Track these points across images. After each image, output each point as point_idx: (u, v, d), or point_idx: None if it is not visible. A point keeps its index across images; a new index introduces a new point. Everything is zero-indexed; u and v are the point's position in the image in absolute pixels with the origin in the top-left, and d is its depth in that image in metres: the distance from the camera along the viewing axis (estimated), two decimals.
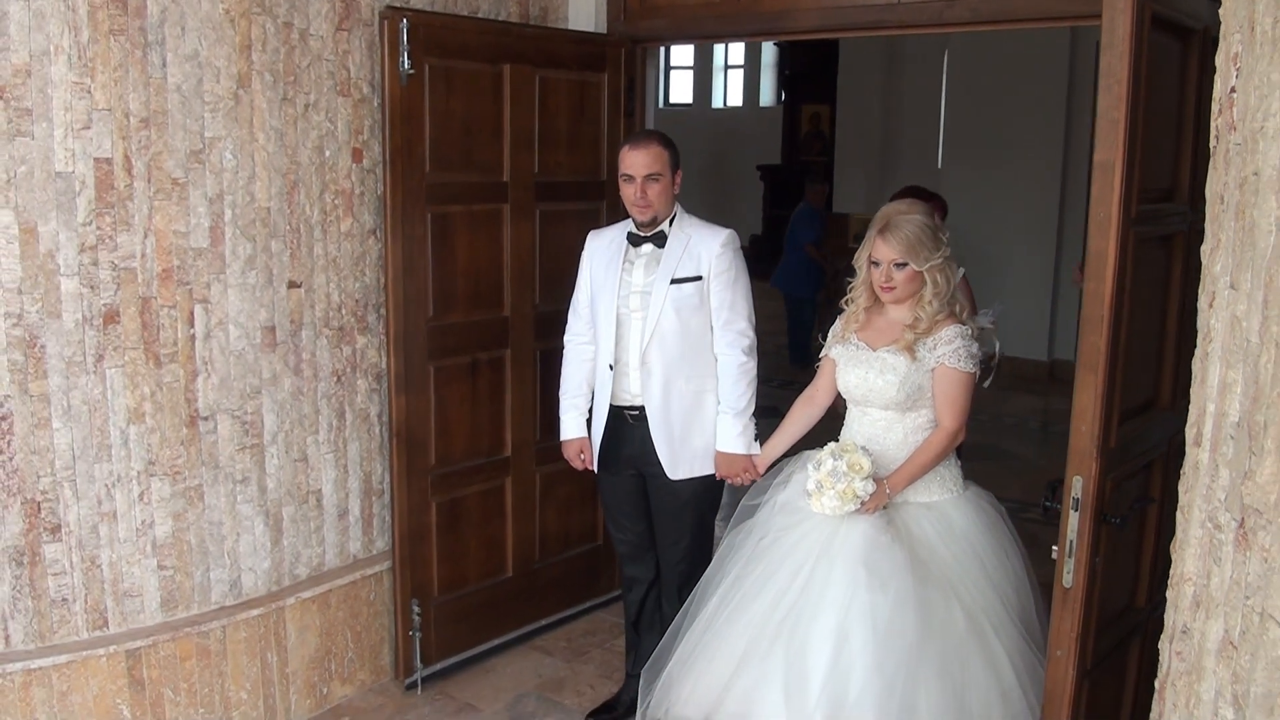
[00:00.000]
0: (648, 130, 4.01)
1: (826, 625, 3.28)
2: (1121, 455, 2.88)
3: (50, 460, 3.51)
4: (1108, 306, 2.70)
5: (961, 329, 3.48)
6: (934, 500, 3.55)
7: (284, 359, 3.99)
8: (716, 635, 3.49)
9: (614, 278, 3.90)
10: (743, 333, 3.90)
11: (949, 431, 3.49)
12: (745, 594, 3.48)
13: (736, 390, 3.89)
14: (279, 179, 3.89)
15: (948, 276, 3.46)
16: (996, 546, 3.53)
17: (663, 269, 3.84)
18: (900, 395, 3.46)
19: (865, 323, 3.62)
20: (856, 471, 3.34)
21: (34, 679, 3.52)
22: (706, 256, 3.84)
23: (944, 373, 3.46)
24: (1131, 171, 2.68)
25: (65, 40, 3.36)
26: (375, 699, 4.34)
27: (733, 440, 3.89)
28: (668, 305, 3.82)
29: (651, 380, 3.87)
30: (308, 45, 3.91)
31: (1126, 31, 2.59)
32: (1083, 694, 2.97)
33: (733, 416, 3.89)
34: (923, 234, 3.40)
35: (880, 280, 3.47)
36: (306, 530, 4.15)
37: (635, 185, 3.78)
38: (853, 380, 3.56)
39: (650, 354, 3.85)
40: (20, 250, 3.37)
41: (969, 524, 3.53)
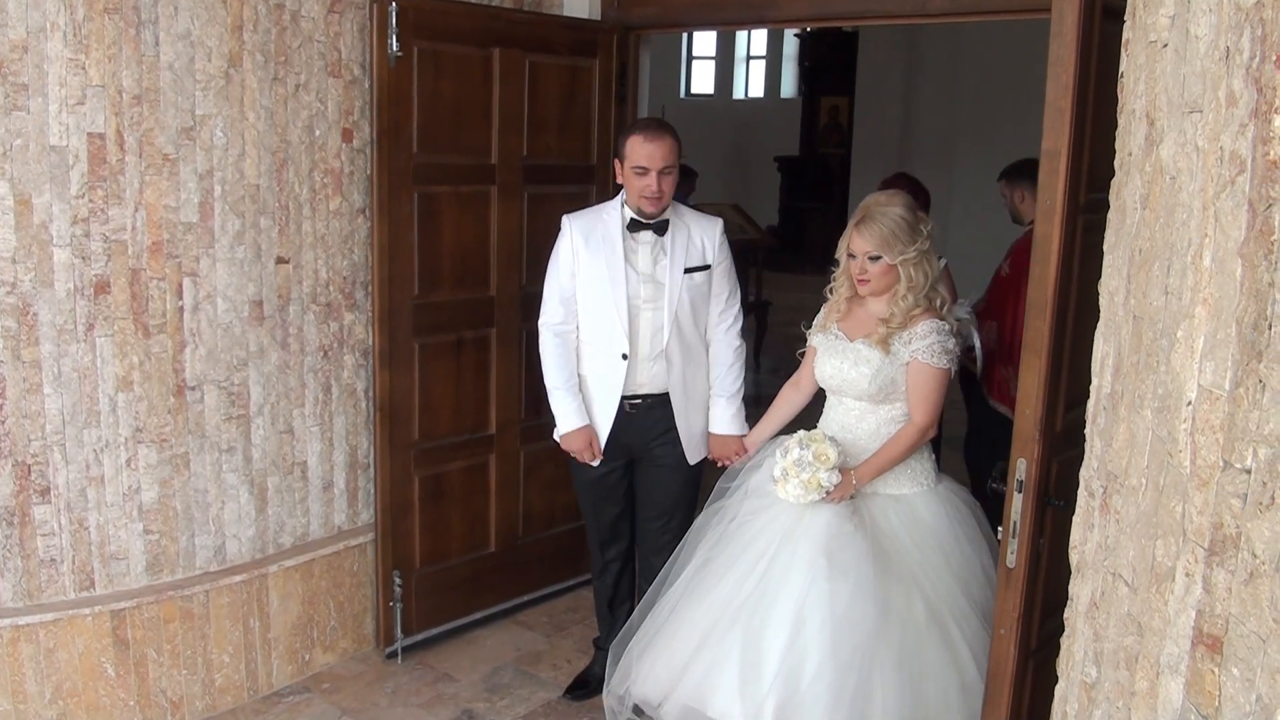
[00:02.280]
0: (657, 121, 3.96)
1: (784, 611, 3.29)
2: (1068, 439, 2.93)
3: (41, 425, 3.62)
4: (1052, 292, 2.75)
5: (938, 324, 3.47)
6: (903, 493, 3.56)
7: (271, 333, 4.09)
8: (679, 617, 3.52)
9: (618, 266, 3.85)
10: (737, 317, 4.00)
11: (919, 427, 3.49)
12: (709, 577, 3.50)
13: (732, 374, 3.98)
14: (269, 157, 3.98)
15: (925, 270, 3.45)
16: (964, 540, 3.53)
17: (673, 259, 3.86)
18: (872, 388, 3.47)
19: (846, 312, 3.64)
20: (822, 462, 3.34)
21: (22, 635, 3.64)
22: (709, 245, 3.90)
23: (917, 368, 3.45)
24: (1079, 159, 2.73)
25: (61, 17, 3.46)
26: (356, 667, 4.45)
27: (727, 422, 3.98)
28: (684, 295, 3.86)
29: (673, 371, 3.92)
30: (299, 26, 4.00)
31: (1074, 21, 2.63)
32: (1027, 674, 3.03)
33: (727, 400, 3.97)
34: (899, 227, 3.40)
35: (856, 272, 3.49)
36: (291, 500, 4.25)
37: (651, 178, 3.75)
38: (828, 370, 3.59)
39: (671, 345, 3.89)
40: (15, 221, 3.48)
41: (936, 518, 3.54)
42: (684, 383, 3.94)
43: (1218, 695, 1.27)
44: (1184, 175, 1.41)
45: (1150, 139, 1.48)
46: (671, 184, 3.80)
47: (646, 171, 3.75)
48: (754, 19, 4.88)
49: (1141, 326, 1.43)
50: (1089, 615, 1.61)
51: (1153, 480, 1.38)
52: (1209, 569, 1.29)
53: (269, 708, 4.15)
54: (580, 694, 4.29)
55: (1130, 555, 1.43)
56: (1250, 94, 1.24)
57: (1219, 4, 1.33)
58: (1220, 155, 1.30)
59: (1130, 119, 1.56)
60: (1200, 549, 1.30)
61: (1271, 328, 1.18)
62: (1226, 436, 1.27)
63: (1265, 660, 1.18)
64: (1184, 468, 1.34)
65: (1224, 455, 1.27)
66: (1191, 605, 1.32)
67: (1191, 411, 1.33)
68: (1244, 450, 1.23)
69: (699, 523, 3.76)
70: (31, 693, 3.68)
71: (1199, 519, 1.31)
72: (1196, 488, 1.32)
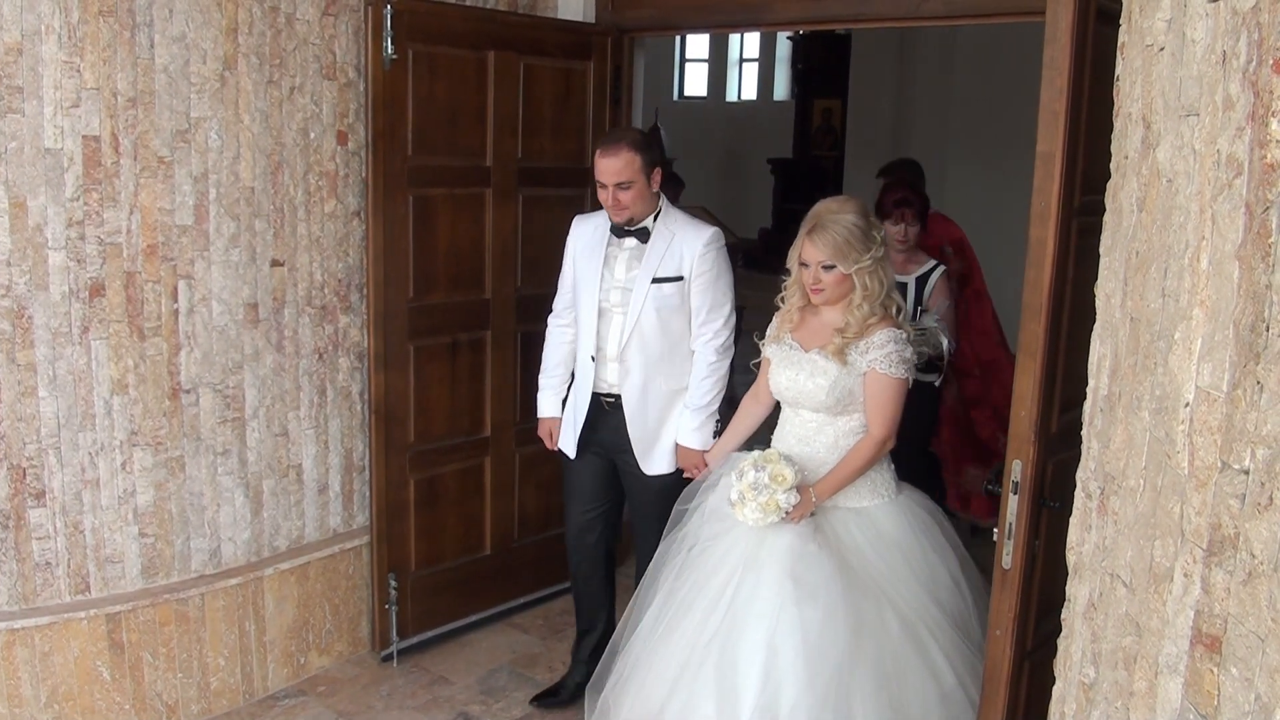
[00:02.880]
0: (620, 132, 3.97)
1: (755, 640, 3.20)
2: (1064, 441, 2.94)
3: (36, 428, 3.61)
4: (1046, 294, 2.76)
5: (895, 333, 3.39)
6: (864, 506, 3.48)
7: (266, 335, 4.09)
8: (651, 653, 3.42)
9: (595, 270, 3.90)
10: (717, 332, 3.89)
11: (877, 439, 3.41)
12: (678, 609, 3.41)
13: (702, 388, 3.91)
14: (264, 159, 3.98)
15: (880, 278, 3.38)
16: (928, 549, 3.48)
17: (645, 267, 3.83)
18: (829, 399, 3.40)
19: (800, 322, 3.55)
20: (779, 483, 3.25)
21: (17, 639, 3.63)
22: (689, 257, 3.82)
23: (874, 378, 3.38)
24: (1074, 162, 2.74)
25: (56, 20, 3.46)
26: (351, 669, 4.44)
27: (688, 434, 3.92)
28: (648, 305, 3.82)
29: (630, 378, 3.90)
30: (294, 29, 4.00)
31: (1068, 24, 2.64)
32: (1023, 675, 3.04)
33: (692, 412, 3.91)
34: (852, 235, 3.32)
35: (809, 282, 3.41)
36: (286, 503, 4.25)
37: (608, 192, 3.77)
38: (783, 381, 3.51)
39: (629, 352, 3.87)
40: (9, 224, 3.48)
41: (899, 529, 3.47)
42: (641, 391, 3.91)
43: (1217, 695, 1.27)
44: (1181, 178, 1.41)
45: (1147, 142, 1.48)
46: (633, 197, 3.75)
47: (604, 186, 3.77)
48: (748, 21, 4.88)
49: (1139, 328, 1.44)
50: (1087, 616, 1.62)
51: (1151, 481, 1.39)
52: (1207, 569, 1.30)
53: (264, 711, 4.14)
54: (549, 702, 4.24)
55: (1128, 556, 1.44)
56: (1247, 97, 1.25)
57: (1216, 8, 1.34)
58: (1217, 158, 1.31)
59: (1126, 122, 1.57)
60: (1199, 549, 1.31)
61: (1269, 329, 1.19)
62: (1224, 437, 1.27)
63: (1264, 660, 1.18)
64: (1182, 469, 1.35)
65: (1222, 456, 1.28)
66: (1190, 605, 1.33)
67: (1189, 413, 1.34)
68: (1242, 451, 1.24)
69: (661, 551, 3.65)
70: (27, 696, 3.67)
71: (1197, 519, 1.32)
72: (1195, 488, 1.32)
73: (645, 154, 3.77)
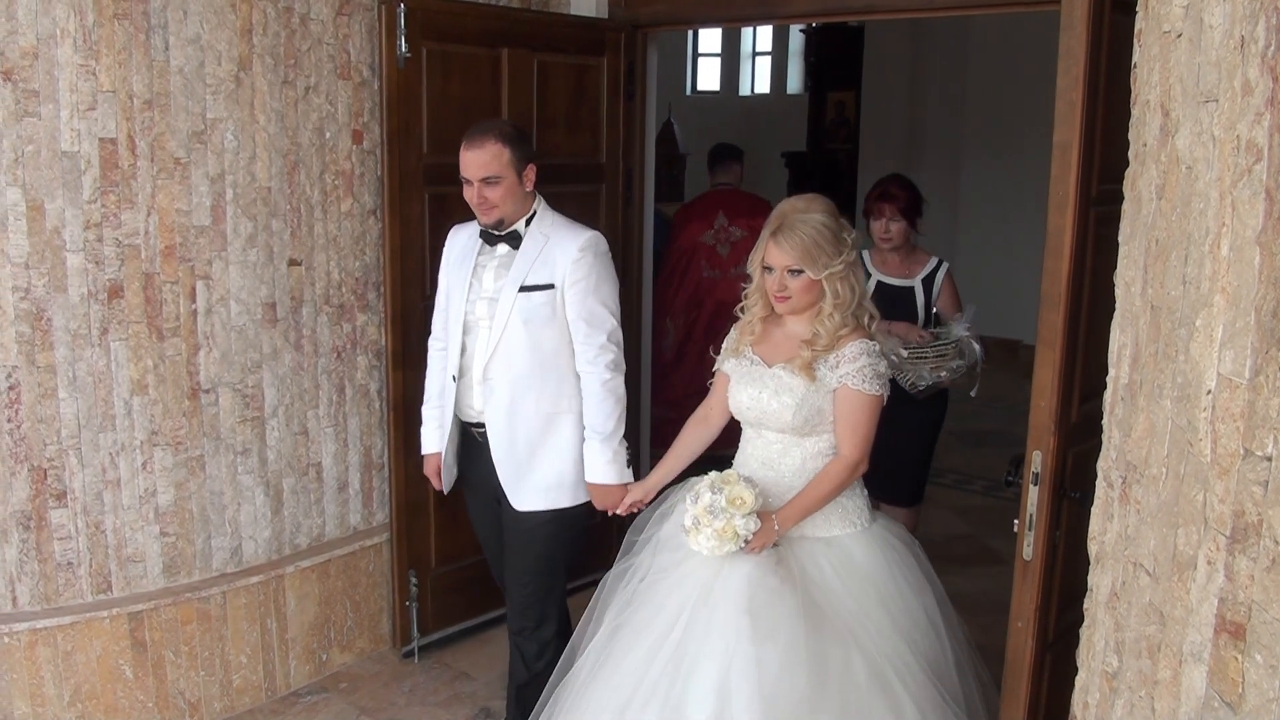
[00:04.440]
0: (489, 122, 3.53)
1: (706, 682, 2.87)
2: (1084, 431, 2.93)
3: (56, 429, 3.64)
4: (1065, 284, 2.76)
5: (868, 345, 3.08)
6: (833, 535, 3.16)
7: (284, 335, 4.10)
8: (590, 695, 3.07)
9: (463, 280, 3.55)
10: (603, 347, 3.48)
11: (849, 461, 3.10)
12: (620, 646, 3.08)
13: (601, 412, 3.50)
14: (280, 159, 4.00)
15: (852, 285, 3.07)
16: (904, 586, 3.16)
17: (512, 275, 3.46)
18: (796, 419, 3.08)
19: (761, 335, 3.24)
20: (737, 507, 2.93)
21: (40, 639, 3.66)
22: (562, 262, 3.43)
23: (846, 395, 3.07)
24: (1091, 151, 2.73)
25: (71, 24, 3.48)
26: (373, 666, 4.46)
27: (602, 469, 3.51)
28: (515, 316, 3.43)
29: (494, 399, 3.51)
30: (308, 29, 4.01)
31: (1084, 13, 2.64)
32: (1044, 666, 3.04)
33: (600, 442, 3.50)
34: (821, 237, 3.01)
35: (774, 288, 3.08)
36: (307, 501, 4.27)
37: (473, 189, 3.40)
38: (745, 400, 3.18)
39: (493, 369, 3.49)
40: (27, 227, 3.50)
41: (872, 562, 3.15)
42: (508, 413, 3.50)
43: (1241, 682, 1.27)
44: (1200, 165, 1.41)
45: (1165, 129, 1.48)
46: (501, 194, 3.38)
47: (469, 183, 3.41)
48: (762, 15, 4.88)
49: (1160, 316, 1.44)
50: (1110, 605, 1.61)
51: (1173, 469, 1.39)
52: (1231, 556, 1.29)
53: (287, 708, 4.17)
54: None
55: (1151, 544, 1.44)
56: (1266, 83, 1.24)
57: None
58: (1237, 144, 1.31)
59: (1144, 110, 1.57)
60: (1222, 537, 1.31)
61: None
62: (1247, 424, 1.27)
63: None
64: (1204, 456, 1.35)
65: (1244, 443, 1.28)
66: (1214, 593, 1.32)
67: (1211, 400, 1.34)
68: (1264, 438, 1.24)
69: (603, 584, 3.32)
70: (50, 695, 3.70)
71: (1220, 507, 1.31)
72: (1217, 476, 1.32)
73: (516, 147, 3.41)
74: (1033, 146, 9.55)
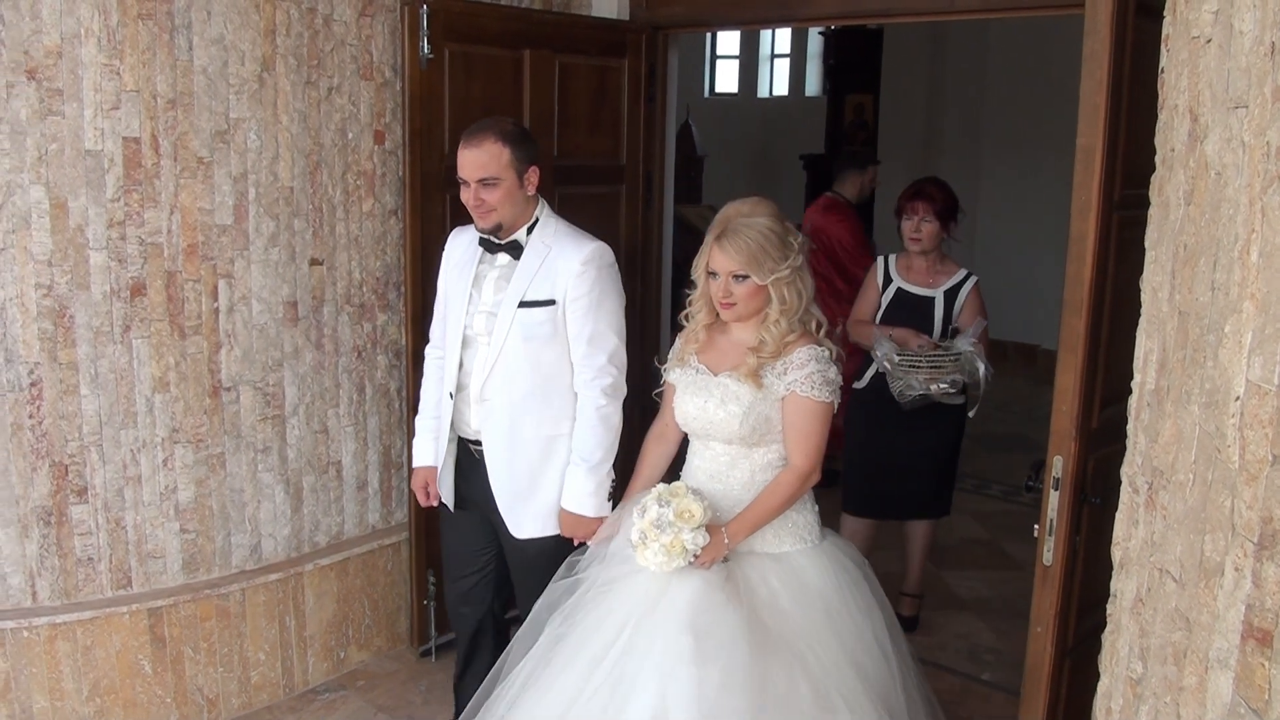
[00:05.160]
0: (489, 121, 3.31)
1: (642, 703, 2.74)
2: (1105, 437, 2.93)
3: (78, 425, 3.66)
4: (1087, 290, 2.76)
5: (816, 351, 2.98)
6: (784, 551, 3.06)
7: (305, 334, 4.12)
8: (525, 704, 2.93)
9: (463, 291, 3.39)
10: (603, 369, 3.30)
11: (800, 472, 2.99)
12: (561, 657, 2.93)
13: (591, 439, 3.31)
14: (302, 159, 4.01)
15: (799, 289, 2.97)
16: (853, 606, 3.03)
17: (511, 289, 3.29)
18: (743, 429, 2.97)
19: (706, 342, 3.13)
20: (686, 521, 2.83)
21: (59, 633, 3.68)
22: (564, 276, 3.26)
23: (795, 403, 2.97)
24: (1114, 156, 2.73)
25: (95, 23, 3.50)
26: (390, 664, 4.47)
27: (582, 499, 3.32)
28: (514, 333, 3.27)
29: (492, 420, 3.35)
30: (331, 30, 4.02)
31: (1108, 17, 2.64)
32: (1063, 671, 3.03)
33: (586, 471, 3.31)
34: (767, 241, 2.91)
35: (719, 294, 2.99)
36: (326, 500, 4.28)
37: (470, 191, 3.22)
38: (691, 410, 3.07)
39: (491, 388, 3.33)
40: (51, 225, 3.53)
41: (823, 580, 3.04)
42: (507, 435, 3.34)
43: (1268, 689, 1.27)
44: (1229, 170, 1.41)
45: (1194, 135, 1.48)
46: (499, 197, 3.19)
47: (466, 184, 3.23)
48: (782, 17, 4.89)
49: (1187, 322, 1.43)
50: (1134, 611, 1.61)
51: (1200, 475, 1.39)
52: (1258, 563, 1.29)
53: (305, 705, 4.18)
54: None
55: (1178, 550, 1.44)
56: None
57: None
58: (1267, 150, 1.30)
59: (1172, 115, 1.56)
60: (1249, 543, 1.30)
61: None
62: (1276, 431, 1.27)
63: None
64: (1232, 462, 1.34)
65: (1273, 449, 1.27)
66: (1241, 599, 1.32)
67: (1240, 406, 1.33)
68: None
69: (543, 598, 3.15)
70: (69, 690, 3.73)
71: (1248, 513, 1.31)
72: (1245, 482, 1.32)
73: (517, 148, 3.22)
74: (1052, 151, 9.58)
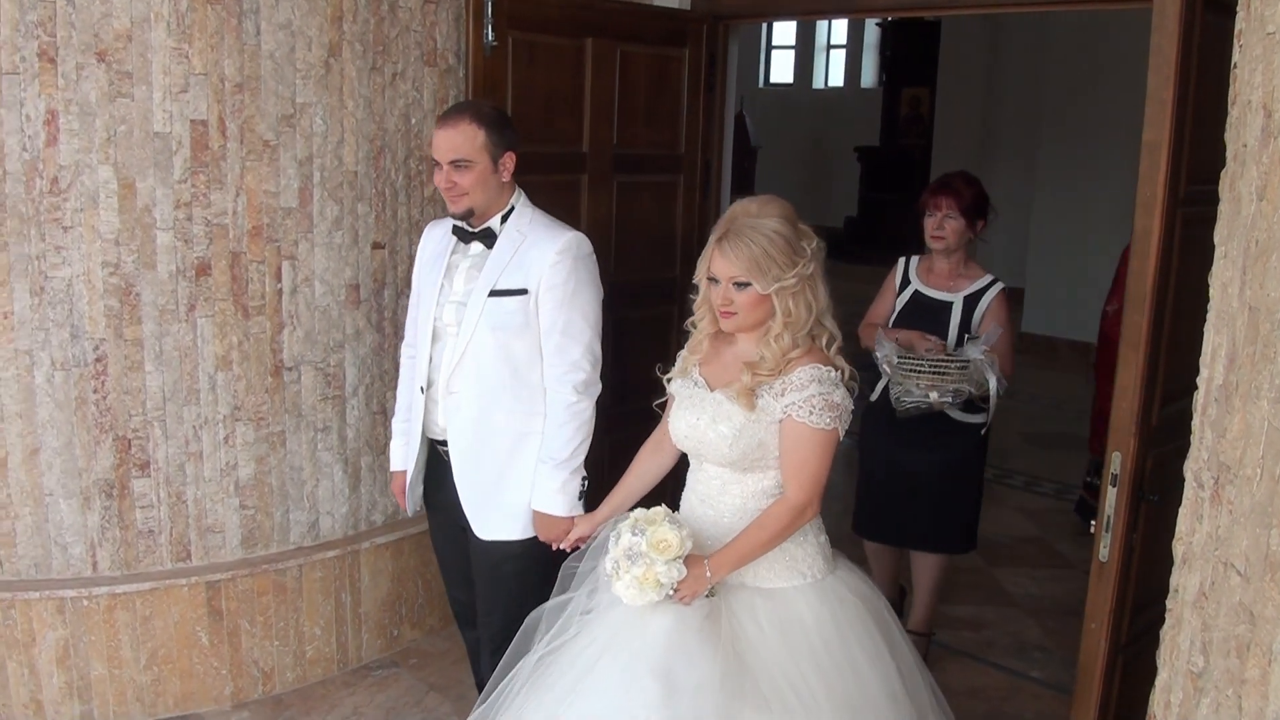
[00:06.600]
0: (466, 103, 3.23)
1: None
2: (1166, 434, 2.91)
3: (142, 401, 3.74)
4: (1150, 286, 2.75)
5: (820, 371, 2.65)
6: (778, 587, 2.73)
7: (367, 316, 4.17)
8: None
9: (435, 282, 3.26)
10: (576, 364, 3.17)
11: (793, 504, 2.66)
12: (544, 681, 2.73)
13: (561, 436, 3.18)
14: (366, 144, 4.06)
15: (808, 301, 2.66)
16: (856, 653, 2.69)
17: (484, 277, 3.15)
18: (734, 452, 2.68)
19: (710, 354, 2.85)
20: (661, 552, 2.54)
21: (118, 603, 3.78)
22: (538, 265, 3.12)
23: (792, 428, 2.65)
24: (1180, 152, 2.72)
25: (165, 8, 3.56)
26: (442, 643, 4.52)
27: (550, 497, 3.18)
28: (483, 322, 3.13)
29: (459, 414, 3.21)
30: (396, 16, 4.07)
31: (1176, 12, 2.62)
32: (1116, 668, 3.03)
33: (553, 467, 3.17)
34: (774, 246, 2.61)
35: (718, 302, 2.70)
36: (383, 480, 4.33)
37: (442, 173, 3.10)
38: (683, 427, 2.79)
39: (458, 380, 3.19)
40: (119, 204, 3.60)
41: (819, 621, 2.70)
42: (473, 430, 3.21)
43: None
44: None
45: (1268, 131, 1.47)
46: (473, 180, 3.07)
47: (439, 166, 3.11)
48: (842, 8, 4.89)
49: (1258, 317, 1.43)
50: (1197, 605, 1.62)
51: (1269, 470, 1.39)
52: None
53: (358, 680, 4.24)
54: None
55: (1243, 545, 1.44)
56: None
57: None
58: None
59: (1245, 110, 1.56)
60: None
61: None
62: None
63: None
64: None
65: None
66: None
67: None
68: None
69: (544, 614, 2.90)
70: (127, 658, 3.82)
71: None
72: None
73: (493, 131, 3.09)
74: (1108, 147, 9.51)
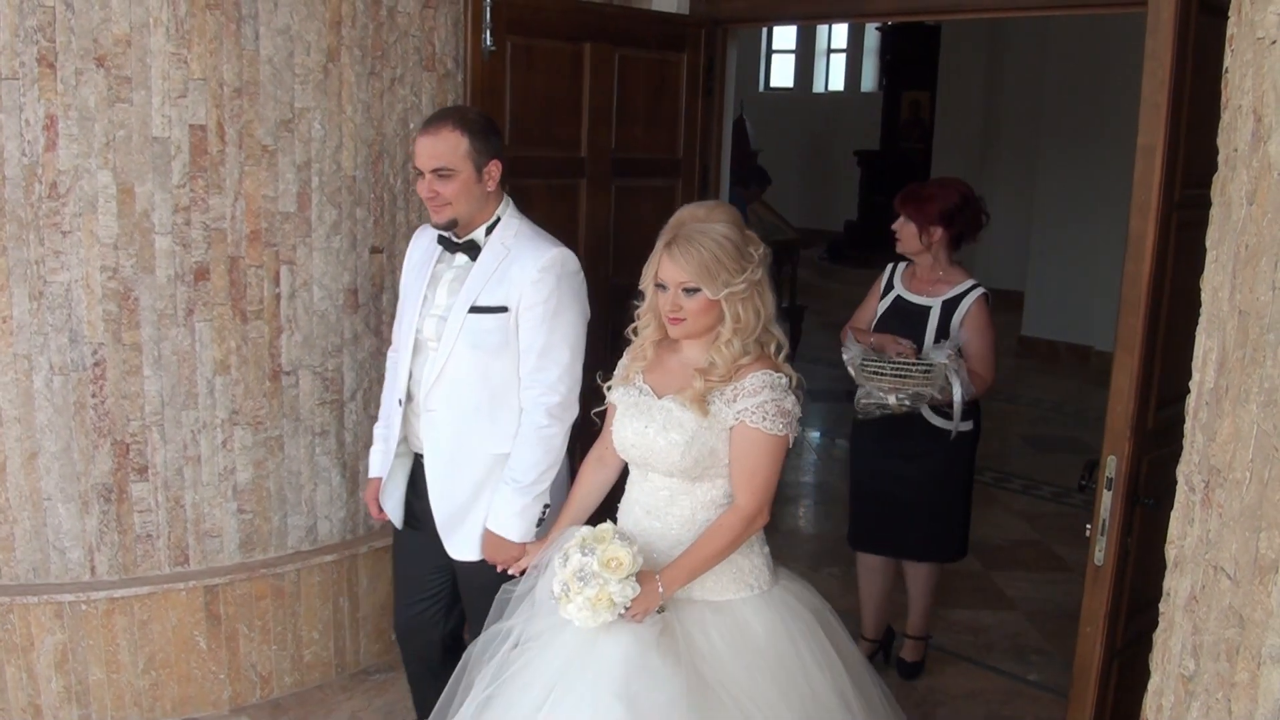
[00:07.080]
0: (450, 109, 3.23)
1: None
2: (1161, 438, 2.91)
3: (140, 405, 3.75)
4: (1145, 289, 2.74)
5: (771, 377, 2.66)
6: (726, 599, 2.72)
7: (365, 320, 4.18)
8: None
9: (418, 292, 3.17)
10: (551, 387, 3.05)
11: (745, 513, 2.66)
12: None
13: (527, 459, 3.04)
14: (365, 149, 4.07)
15: (757, 307, 2.66)
16: (809, 661, 2.71)
17: (465, 291, 3.06)
18: (685, 460, 2.65)
19: (655, 361, 2.82)
20: (612, 571, 2.49)
21: (116, 607, 3.78)
22: (519, 282, 3.01)
23: (742, 434, 2.64)
24: (1175, 156, 2.71)
25: (164, 13, 3.57)
26: None
27: (507, 520, 3.04)
28: (462, 340, 3.04)
29: (436, 433, 3.13)
30: (395, 21, 4.07)
31: (1170, 15, 2.62)
32: (1112, 672, 3.03)
33: (514, 490, 3.03)
34: (723, 251, 2.59)
35: (666, 308, 2.66)
36: None
37: (424, 182, 3.01)
38: (629, 435, 2.75)
39: (436, 398, 3.10)
40: (117, 209, 3.61)
41: (771, 631, 2.71)
42: (451, 452, 3.12)
43: None
44: None
45: (1258, 135, 1.48)
46: (455, 190, 2.98)
47: (420, 174, 3.03)
48: (843, 12, 4.88)
49: (1248, 322, 1.44)
50: (1188, 609, 1.62)
51: (1257, 474, 1.39)
52: None
53: (356, 685, 4.25)
54: None
55: (1233, 548, 1.44)
56: None
57: None
58: None
59: (1235, 115, 1.57)
60: None
61: None
62: None
63: None
64: None
65: None
66: None
67: None
68: None
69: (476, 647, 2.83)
70: (125, 662, 3.83)
71: None
72: None
73: (477, 139, 3.00)
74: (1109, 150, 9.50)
